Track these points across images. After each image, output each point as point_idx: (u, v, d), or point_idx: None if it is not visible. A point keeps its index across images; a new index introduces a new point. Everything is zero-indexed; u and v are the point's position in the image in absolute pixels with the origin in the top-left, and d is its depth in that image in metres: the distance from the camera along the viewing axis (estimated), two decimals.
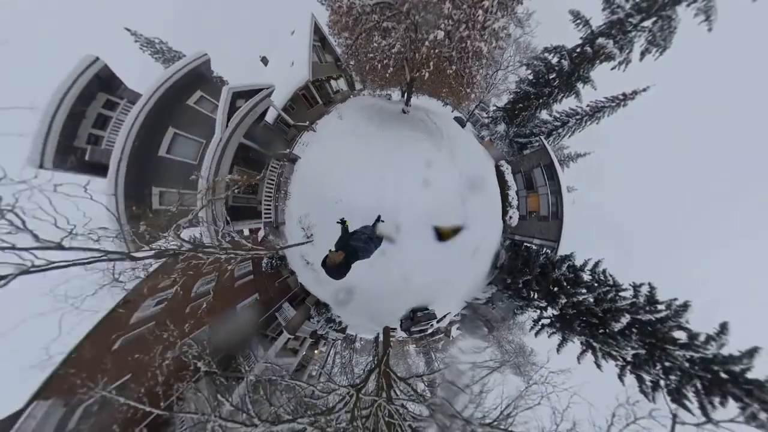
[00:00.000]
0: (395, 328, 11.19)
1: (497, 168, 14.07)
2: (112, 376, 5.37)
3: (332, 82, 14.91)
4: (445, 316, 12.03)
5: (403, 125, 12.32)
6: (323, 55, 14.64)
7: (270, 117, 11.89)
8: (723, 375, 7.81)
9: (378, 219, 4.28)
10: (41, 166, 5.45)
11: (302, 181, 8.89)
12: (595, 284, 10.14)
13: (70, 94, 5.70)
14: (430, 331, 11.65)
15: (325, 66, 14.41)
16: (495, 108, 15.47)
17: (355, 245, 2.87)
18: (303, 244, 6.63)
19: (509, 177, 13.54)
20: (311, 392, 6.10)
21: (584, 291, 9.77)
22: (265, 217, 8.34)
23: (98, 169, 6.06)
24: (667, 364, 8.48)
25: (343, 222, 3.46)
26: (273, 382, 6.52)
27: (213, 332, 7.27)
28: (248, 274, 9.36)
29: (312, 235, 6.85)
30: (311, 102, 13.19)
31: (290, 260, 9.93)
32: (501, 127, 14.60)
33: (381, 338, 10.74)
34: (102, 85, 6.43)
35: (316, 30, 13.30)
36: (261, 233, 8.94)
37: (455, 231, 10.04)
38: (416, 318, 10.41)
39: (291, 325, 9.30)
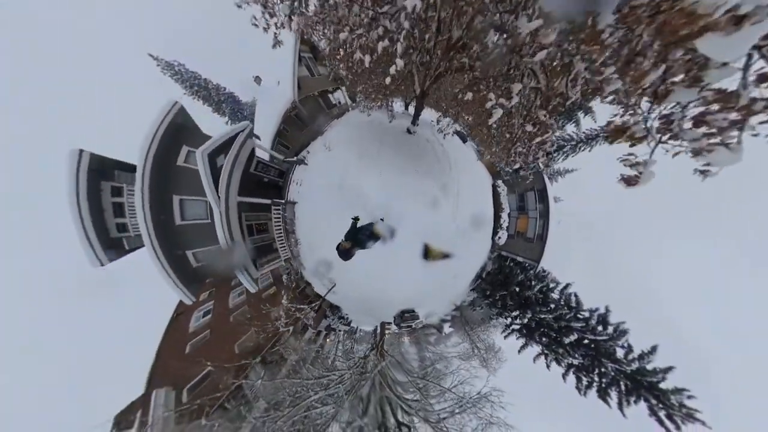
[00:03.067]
0: (390, 323, 13.73)
1: (494, 188, 14.74)
2: (195, 371, 7.91)
3: (329, 95, 13.36)
4: (432, 316, 14.34)
5: (407, 154, 11.51)
6: (315, 67, 12.84)
7: (266, 142, 11.05)
8: (643, 383, 9.85)
9: (378, 220, 5.55)
10: (102, 265, 6.63)
11: (306, 225, 9.91)
12: (561, 304, 11.83)
13: (81, 195, 6.18)
14: (420, 326, 14.12)
15: (317, 79, 12.70)
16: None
17: (360, 238, 4.05)
18: (330, 290, 8.57)
19: (504, 199, 14.32)
20: (333, 360, 9.28)
21: (548, 309, 11.53)
22: (283, 253, 10.06)
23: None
24: (603, 370, 10.57)
25: (356, 219, 4.36)
26: (307, 359, 9.42)
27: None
28: (270, 286, 11.58)
29: (335, 284, 8.75)
30: (305, 122, 12.34)
31: (305, 274, 12.03)
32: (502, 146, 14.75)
33: (379, 330, 13.41)
34: (100, 174, 6.69)
35: (305, 39, 11.22)
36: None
37: (443, 256, 11.44)
38: (404, 317, 12.81)
39: (313, 323, 11.85)
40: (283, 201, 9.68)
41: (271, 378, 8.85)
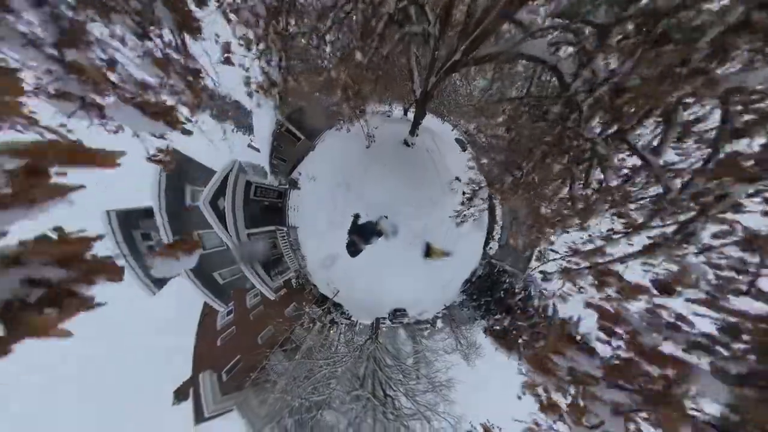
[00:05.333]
0: (385, 318, 16.11)
1: (491, 198, 15.42)
2: (228, 359, 10.40)
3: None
4: (422, 313, 16.48)
5: (402, 179, 11.07)
6: None
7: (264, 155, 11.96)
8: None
9: (381, 216, 6.54)
10: (154, 294, 8.72)
11: (309, 244, 11.40)
12: (539, 312, 13.45)
13: (122, 246, 8.08)
14: (414, 322, 16.44)
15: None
16: (492, 134, 15.35)
17: (365, 234, 5.40)
18: (335, 295, 10.49)
19: (499, 211, 15.10)
20: (336, 347, 11.90)
21: (524, 317, 13.21)
22: (292, 266, 11.86)
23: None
24: None
25: (356, 216, 5.16)
26: (316, 345, 12.08)
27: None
28: (281, 288, 13.74)
29: (338, 291, 10.64)
30: (297, 137, 12.63)
31: (311, 278, 14.03)
32: (500, 157, 15.01)
33: (374, 324, 15.87)
34: (129, 226, 8.42)
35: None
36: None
37: (443, 254, 13.11)
38: (396, 314, 15.07)
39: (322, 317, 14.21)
40: (284, 228, 11.19)
41: (290, 360, 11.65)
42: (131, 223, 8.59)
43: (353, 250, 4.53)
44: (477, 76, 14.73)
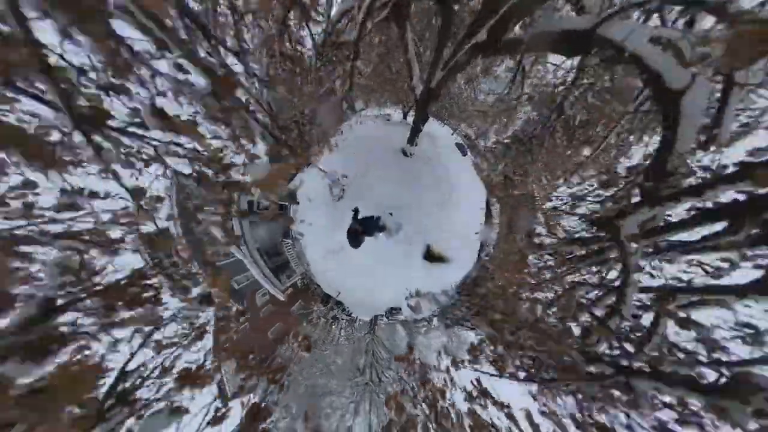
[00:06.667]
0: (382, 315, 17.73)
1: (488, 205, 15.95)
2: (245, 350, 12.25)
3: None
4: (420, 312, 17.91)
5: (399, 197, 11.53)
6: None
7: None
8: None
9: (386, 213, 6.94)
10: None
11: (311, 253, 12.73)
12: None
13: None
14: (412, 320, 17.98)
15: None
16: (496, 140, 15.49)
17: (368, 227, 5.76)
18: (337, 295, 12.00)
19: (496, 216, 15.68)
20: (338, 340, 13.76)
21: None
22: (298, 270, 13.31)
23: None
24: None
25: (356, 210, 5.59)
26: (320, 339, 13.96)
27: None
28: (287, 289, 15.38)
29: (339, 292, 12.13)
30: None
31: (315, 279, 15.57)
32: (500, 167, 15.29)
33: (372, 321, 17.60)
34: None
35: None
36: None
37: (442, 259, 14.34)
38: (392, 312, 16.60)
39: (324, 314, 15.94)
40: (289, 240, 12.52)
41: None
42: None
43: (354, 242, 4.55)
44: (486, 77, 14.24)
